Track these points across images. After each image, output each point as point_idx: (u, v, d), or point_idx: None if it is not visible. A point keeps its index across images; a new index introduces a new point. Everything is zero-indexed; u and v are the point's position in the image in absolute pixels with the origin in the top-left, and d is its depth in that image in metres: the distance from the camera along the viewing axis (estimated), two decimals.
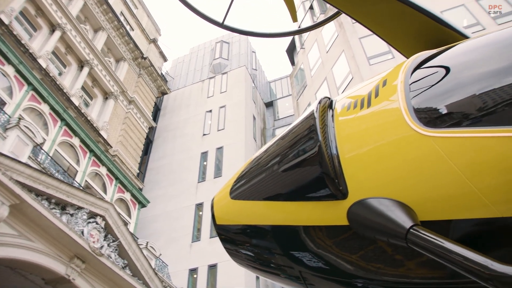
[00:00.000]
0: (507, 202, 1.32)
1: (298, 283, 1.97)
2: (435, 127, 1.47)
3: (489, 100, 1.44)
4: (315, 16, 31.51)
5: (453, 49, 1.93)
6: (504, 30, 1.85)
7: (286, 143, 1.94)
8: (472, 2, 23.16)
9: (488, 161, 1.34)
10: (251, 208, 1.96)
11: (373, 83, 1.92)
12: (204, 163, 32.75)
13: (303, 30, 5.41)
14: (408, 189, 1.50)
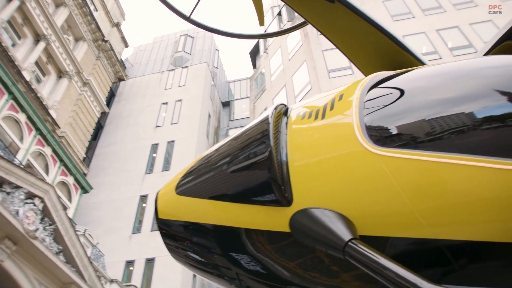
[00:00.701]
0: (441, 225, 1.40)
1: (235, 285, 1.97)
2: (383, 146, 1.51)
3: (437, 126, 1.51)
4: (282, 22, 31.78)
5: (409, 73, 1.98)
6: (458, 62, 1.92)
7: (238, 145, 1.94)
8: (433, 32, 24.03)
9: (428, 184, 1.41)
10: (196, 205, 1.95)
11: (330, 96, 1.94)
12: (154, 155, 32.29)
13: (268, 35, 5.42)
14: (351, 203, 1.53)
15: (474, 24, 24.30)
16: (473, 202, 1.36)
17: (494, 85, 1.63)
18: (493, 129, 1.46)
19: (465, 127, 1.48)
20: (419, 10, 26.28)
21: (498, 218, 1.36)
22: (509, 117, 1.46)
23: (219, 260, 1.97)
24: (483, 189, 1.35)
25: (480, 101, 1.56)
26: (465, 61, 1.96)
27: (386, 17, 25.79)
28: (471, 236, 1.37)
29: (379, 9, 26.75)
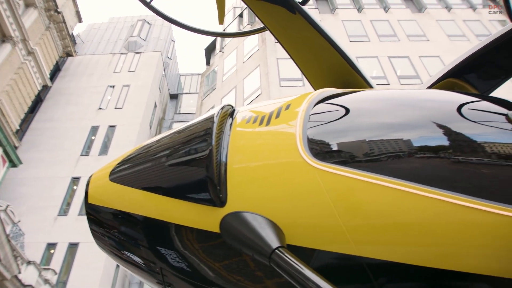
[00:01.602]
0: (366, 243, 1.44)
1: (157, 280, 1.93)
2: (321, 160, 1.55)
3: (374, 148, 1.58)
4: (242, 24, 31.80)
5: (356, 94, 2.06)
6: (403, 91, 2.00)
7: (180, 139, 1.92)
8: (385, 58, 24.82)
9: (359, 202, 1.46)
10: (128, 194, 1.90)
11: (277, 104, 1.96)
12: (92, 137, 31.33)
13: (227, 34, 5.39)
14: (283, 211, 1.55)
15: (424, 57, 25.35)
16: (397, 225, 1.42)
17: (431, 117, 1.72)
18: (423, 158, 1.54)
19: (399, 153, 1.56)
20: (375, 36, 27.12)
21: (418, 242, 1.41)
22: (439, 149, 1.56)
23: (145, 252, 1.92)
24: (408, 214, 1.41)
25: (416, 131, 1.65)
26: (409, 90, 2.10)
27: (344, 36, 26.39)
28: (393, 257, 1.42)
29: (338, 27, 27.36)
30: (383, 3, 31.10)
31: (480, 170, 1.50)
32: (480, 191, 1.40)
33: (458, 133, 1.65)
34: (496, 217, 1.34)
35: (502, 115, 1.71)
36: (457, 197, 1.37)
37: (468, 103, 1.85)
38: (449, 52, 25.80)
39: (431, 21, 29.64)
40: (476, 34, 28.48)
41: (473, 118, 1.71)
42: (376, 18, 28.90)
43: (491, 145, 1.56)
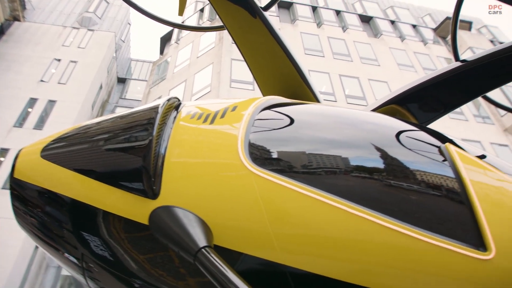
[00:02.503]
0: (292, 252, 1.46)
1: (76, 266, 1.86)
2: (260, 166, 1.56)
3: (313, 162, 1.62)
4: (202, 20, 31.57)
5: (303, 106, 2.11)
6: (348, 110, 2.04)
7: (122, 125, 1.86)
8: (336, 75, 25.41)
9: (290, 212, 1.48)
10: (59, 174, 1.81)
11: (224, 104, 1.96)
12: (29, 109, 29.92)
13: (185, 27, 5.32)
14: (215, 211, 1.55)
15: (372, 81, 26.17)
16: (324, 238, 1.45)
17: (370, 139, 1.79)
18: (357, 177, 1.59)
19: (335, 169, 1.61)
20: (330, 52, 27.70)
21: (342, 257, 1.45)
22: (373, 171, 1.63)
23: (68, 236, 1.83)
24: (335, 229, 1.45)
25: (354, 150, 1.72)
26: (354, 110, 2.11)
27: (300, 48, 26.78)
28: (316, 269, 1.45)
29: (296, 38, 27.71)
30: (342, 22, 31.87)
31: (408, 196, 1.56)
32: (405, 216, 1.46)
33: (393, 158, 1.72)
34: (418, 242, 1.40)
35: (436, 147, 1.80)
36: (383, 219, 1.43)
37: (407, 131, 1.94)
38: (396, 80, 26.80)
39: (384, 47, 30.68)
40: (423, 67, 29.77)
41: (409, 146, 1.79)
42: (333, 36, 29.54)
43: (422, 174, 1.64)
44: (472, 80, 3.03)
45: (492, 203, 1.57)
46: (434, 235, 1.42)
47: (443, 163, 1.70)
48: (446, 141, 1.84)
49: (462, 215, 1.52)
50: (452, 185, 1.60)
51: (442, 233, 1.44)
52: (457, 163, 1.66)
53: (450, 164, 1.68)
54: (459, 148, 1.79)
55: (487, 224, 1.46)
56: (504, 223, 1.52)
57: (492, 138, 25.18)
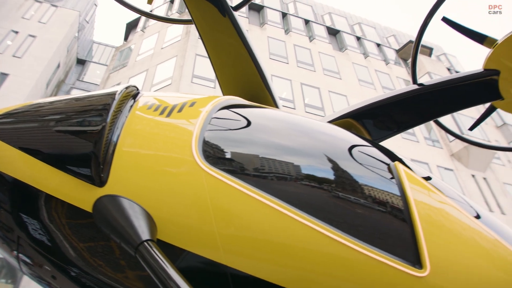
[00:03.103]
0: (235, 254, 1.47)
1: (11, 249, 1.80)
2: (211, 164, 1.56)
3: (265, 166, 1.62)
4: (171, 11, 31.15)
5: (261, 110, 2.10)
6: (305, 119, 2.06)
7: (76, 107, 1.81)
8: (297, 83, 25.64)
9: (237, 213, 1.49)
10: (3, 151, 1.75)
11: (183, 98, 1.94)
12: None
13: (152, 16, 5.21)
14: (162, 205, 1.53)
15: (332, 93, 26.59)
16: (268, 243, 1.46)
17: (323, 150, 1.83)
18: (306, 185, 1.61)
19: (285, 175, 1.62)
20: (294, 60, 27.95)
21: (284, 263, 1.46)
22: (322, 181, 1.65)
23: (5, 217, 1.77)
24: (279, 234, 1.46)
25: (306, 159, 1.74)
26: (311, 120, 2.15)
27: (265, 52, 26.87)
28: (257, 272, 1.45)
29: (263, 42, 27.81)
30: (310, 32, 32.23)
31: (353, 208, 1.59)
32: (349, 228, 1.50)
33: (343, 170, 1.75)
34: (358, 255, 1.44)
35: (385, 164, 1.85)
36: (327, 229, 1.45)
37: (359, 145, 1.98)
38: (355, 95, 27.34)
39: (348, 62, 31.24)
40: (382, 85, 30.50)
41: (360, 161, 1.84)
42: (299, 44, 29.82)
43: (369, 189, 1.68)
44: (426, 104, 3.14)
45: (432, 223, 1.62)
46: (374, 248, 1.46)
47: (390, 180, 1.75)
48: (396, 159, 1.90)
49: (402, 232, 1.57)
50: (396, 202, 1.65)
51: (382, 247, 1.48)
52: (403, 182, 1.71)
53: (397, 182, 1.73)
54: (407, 167, 1.84)
55: (425, 243, 1.51)
56: (441, 244, 1.57)
57: (439, 162, 26.08)
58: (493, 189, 26.82)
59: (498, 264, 1.68)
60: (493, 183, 27.36)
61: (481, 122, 3.63)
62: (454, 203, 1.81)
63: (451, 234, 1.66)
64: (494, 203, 25.80)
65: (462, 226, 1.73)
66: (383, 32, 40.53)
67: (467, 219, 1.76)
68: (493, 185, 27.20)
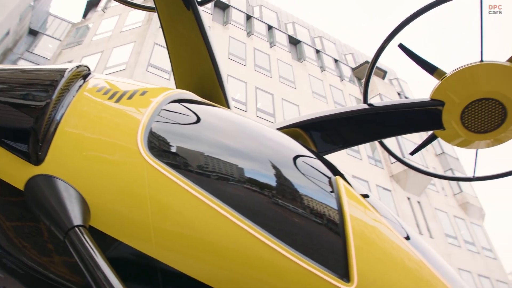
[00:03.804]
0: (167, 249, 1.45)
1: None
2: (155, 156, 1.53)
3: (210, 166, 1.60)
4: None
5: (212, 108, 2.10)
6: (254, 123, 2.07)
7: (21, 79, 1.73)
8: (252, 87, 25.74)
9: (175, 209, 1.46)
10: None
11: (135, 86, 1.90)
12: None
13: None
14: (99, 191, 1.48)
15: (285, 101, 26.89)
16: (203, 242, 1.45)
17: (269, 156, 1.84)
18: (247, 189, 1.61)
19: (228, 176, 1.61)
20: (252, 63, 28.05)
21: (217, 263, 1.46)
22: (263, 187, 1.65)
23: None
24: (215, 235, 1.46)
25: (251, 163, 1.74)
26: (260, 125, 2.15)
27: (225, 51, 26.83)
28: (188, 270, 1.44)
29: (223, 41, 27.74)
30: (272, 38, 32.45)
31: (290, 217, 1.61)
32: (283, 235, 1.51)
33: (285, 178, 1.77)
34: (289, 263, 1.45)
35: (327, 177, 1.88)
36: (262, 234, 1.46)
37: (304, 156, 2.01)
38: (308, 106, 27.79)
39: (304, 73, 31.69)
40: (334, 100, 31.17)
41: (303, 171, 1.87)
42: (259, 49, 29.97)
43: (308, 200, 1.70)
44: (373, 124, 3.23)
45: (364, 240, 1.67)
46: (305, 258, 1.48)
47: (329, 193, 1.79)
48: (337, 174, 1.94)
49: (335, 245, 1.61)
50: (333, 216, 1.69)
51: (313, 258, 1.50)
52: (342, 197, 1.75)
53: (335, 196, 1.77)
54: (347, 183, 1.89)
55: (355, 258, 1.55)
56: (370, 260, 1.62)
57: (379, 181, 26.90)
58: (425, 213, 27.97)
59: (420, 286, 1.75)
60: (426, 207, 28.53)
61: (421, 148, 3.77)
62: (387, 223, 1.87)
63: (381, 252, 1.72)
64: (425, 226, 26.89)
65: (392, 245, 1.79)
66: (342, 49, 41.43)
67: (397, 239, 1.83)
68: (426, 209, 28.36)
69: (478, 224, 31.94)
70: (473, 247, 29.12)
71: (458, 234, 28.97)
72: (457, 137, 3.20)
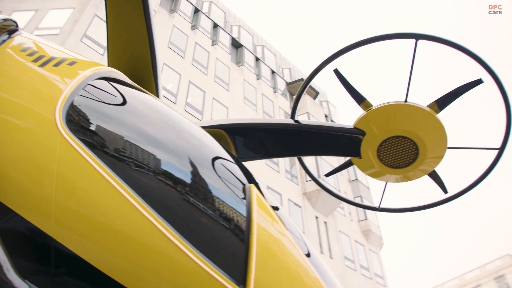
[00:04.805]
0: (66, 229, 1.37)
1: None
2: (71, 130, 1.46)
3: (127, 151, 1.56)
4: None
5: (141, 94, 2.04)
6: (179, 116, 2.06)
7: None
8: (186, 80, 25.48)
9: (83, 188, 1.39)
10: None
11: (65, 54, 1.82)
12: None
13: None
14: (6, 157, 1.40)
15: (216, 101, 26.88)
16: (105, 227, 1.39)
17: (189, 152, 1.84)
18: (160, 182, 1.58)
19: (143, 165, 1.57)
20: (191, 57, 27.78)
21: (116, 252, 1.40)
22: (177, 182, 1.63)
23: None
24: (120, 223, 1.40)
25: (169, 157, 1.72)
26: (186, 120, 2.15)
27: (166, 39, 26.34)
28: (85, 254, 1.37)
29: (166, 28, 27.22)
30: (215, 36, 32.33)
31: (199, 217, 1.60)
32: (189, 234, 1.49)
33: (200, 177, 1.77)
34: (191, 262, 1.44)
35: (242, 184, 1.91)
36: (168, 229, 1.44)
37: (223, 159, 2.02)
38: (237, 110, 27.93)
39: (240, 78, 31.86)
40: (264, 110, 31.57)
41: (219, 173, 1.87)
42: (201, 44, 29.75)
43: (219, 203, 1.71)
44: (296, 141, 3.33)
45: (266, 250, 1.71)
46: (206, 259, 1.48)
47: (241, 200, 1.81)
48: (253, 182, 1.97)
49: (237, 252, 1.62)
50: (241, 222, 1.71)
51: (214, 260, 1.50)
52: (252, 205, 1.78)
53: (246, 203, 1.79)
54: (260, 192, 1.92)
55: (255, 267, 1.58)
56: (269, 271, 1.66)
57: (292, 196, 27.53)
58: (330, 234, 28.98)
59: None
60: (331, 228, 29.57)
61: (337, 172, 3.95)
62: (291, 237, 1.92)
63: (280, 265, 1.76)
64: (327, 246, 27.85)
65: (292, 260, 1.84)
66: (281, 62, 42.10)
67: (298, 255, 1.88)
68: (331, 230, 29.39)
69: (376, 252, 33.60)
70: (367, 272, 30.55)
71: (356, 259, 30.29)
72: (371, 167, 3.38)
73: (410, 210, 3.82)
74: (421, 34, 3.15)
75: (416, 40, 3.19)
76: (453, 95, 3.23)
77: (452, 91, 3.24)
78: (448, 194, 3.62)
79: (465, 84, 3.26)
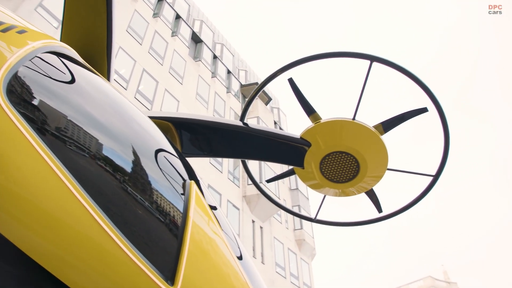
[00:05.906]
0: None
1: None
2: (10, 102, 1.36)
3: (68, 130, 1.49)
4: None
5: (88, 72, 1.97)
6: (130, 104, 2.05)
7: None
8: (140, 67, 24.98)
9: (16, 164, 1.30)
10: None
11: (14, 21, 1.73)
12: None
13: None
14: None
15: (168, 94, 26.56)
16: (35, 206, 1.30)
17: (132, 140, 1.79)
18: (98, 166, 1.52)
19: (83, 147, 1.50)
20: (149, 45, 27.30)
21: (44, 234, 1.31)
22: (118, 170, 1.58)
23: None
24: (51, 202, 1.33)
25: (111, 142, 1.66)
26: (134, 107, 2.11)
27: (125, 23, 25.71)
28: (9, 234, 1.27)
29: (127, 12, 26.59)
30: (176, 28, 31.93)
31: (134, 208, 1.56)
32: (123, 224, 1.45)
33: (141, 169, 1.73)
34: (122, 254, 1.40)
35: (183, 180, 1.89)
36: (102, 217, 1.39)
37: (167, 152, 2.01)
38: (187, 105, 27.71)
39: (195, 73, 31.65)
40: (214, 109, 31.51)
41: (161, 166, 1.87)
42: (161, 33, 29.29)
43: (157, 196, 1.68)
44: (243, 143, 3.34)
45: (199, 249, 1.70)
46: (137, 252, 1.44)
47: (180, 195, 1.80)
48: (193, 179, 1.96)
49: (169, 247, 1.60)
50: (176, 218, 1.69)
51: (145, 254, 1.47)
52: (190, 202, 1.77)
53: (184, 200, 1.78)
54: (200, 190, 1.91)
55: (185, 264, 1.57)
56: (199, 270, 1.65)
57: (231, 198, 27.57)
58: (264, 239, 29.25)
59: None
60: (266, 234, 29.85)
61: (278, 179, 4.00)
62: (225, 238, 1.93)
63: (211, 265, 1.76)
64: (260, 251, 28.09)
65: (223, 261, 1.84)
66: (238, 63, 42.17)
67: (230, 256, 1.89)
68: (266, 236, 29.67)
69: (307, 262, 34.23)
70: (296, 281, 31.04)
71: (287, 266, 30.72)
72: (312, 179, 3.44)
73: (344, 224, 3.91)
74: (376, 57, 3.25)
75: (371, 62, 3.28)
76: (398, 120, 3.34)
77: (398, 115, 3.36)
78: (382, 213, 3.74)
79: (411, 111, 3.39)
